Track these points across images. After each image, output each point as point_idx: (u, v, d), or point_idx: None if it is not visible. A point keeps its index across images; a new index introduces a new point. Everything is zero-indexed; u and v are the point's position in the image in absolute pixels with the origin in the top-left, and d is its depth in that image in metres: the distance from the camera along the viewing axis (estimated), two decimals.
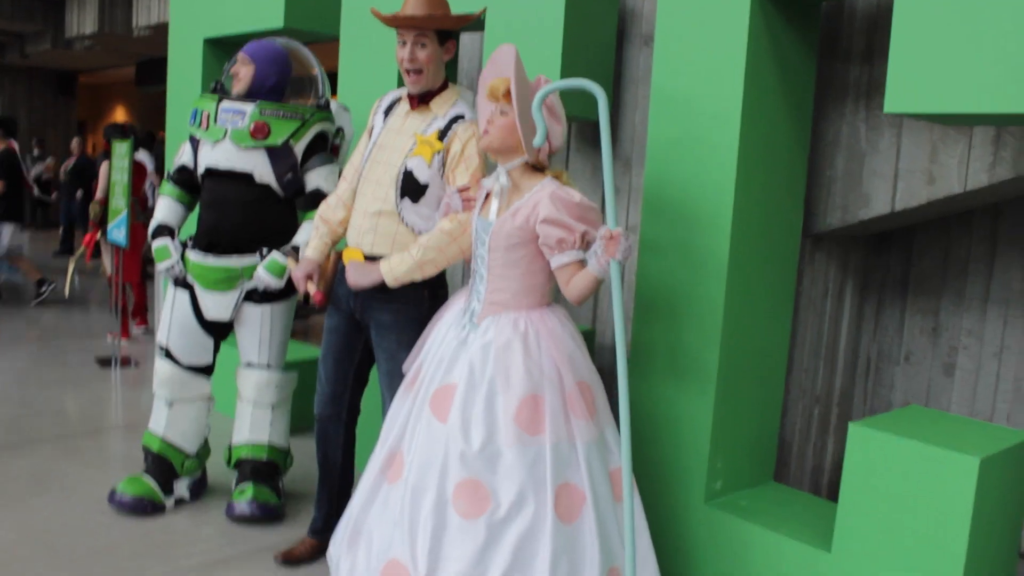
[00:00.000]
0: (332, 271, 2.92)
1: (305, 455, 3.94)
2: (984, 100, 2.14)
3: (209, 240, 3.20)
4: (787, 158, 2.87)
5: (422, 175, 2.67)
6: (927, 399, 3.57)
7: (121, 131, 5.79)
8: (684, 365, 2.78)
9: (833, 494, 3.70)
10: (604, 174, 2.18)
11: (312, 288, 2.79)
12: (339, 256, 2.90)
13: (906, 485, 2.28)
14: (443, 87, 2.74)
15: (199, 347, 3.31)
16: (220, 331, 3.34)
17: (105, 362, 5.64)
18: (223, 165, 3.14)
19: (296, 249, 3.17)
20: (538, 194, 2.37)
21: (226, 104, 3.15)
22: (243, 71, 3.19)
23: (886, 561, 2.32)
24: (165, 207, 3.33)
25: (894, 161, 2.95)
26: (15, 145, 7.68)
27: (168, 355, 3.30)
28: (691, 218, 2.74)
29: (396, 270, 2.63)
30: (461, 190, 2.63)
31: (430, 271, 2.63)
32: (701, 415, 2.75)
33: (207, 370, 3.37)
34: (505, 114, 2.40)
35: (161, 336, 3.32)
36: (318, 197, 3.20)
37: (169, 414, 3.33)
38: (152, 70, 13.68)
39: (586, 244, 2.34)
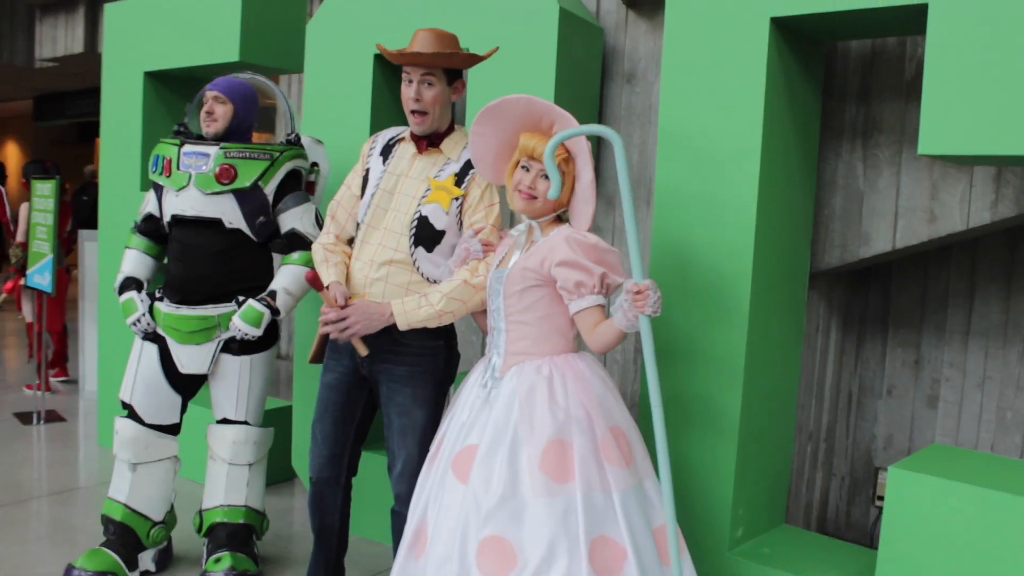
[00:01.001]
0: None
1: (272, 512, 3.69)
2: (1017, 143, 2.16)
3: (181, 291, 2.98)
4: (799, 198, 2.86)
5: (439, 222, 2.53)
6: (911, 431, 3.61)
7: (43, 169, 5.38)
8: (705, 413, 2.71)
9: (823, 530, 3.70)
10: (626, 224, 2.08)
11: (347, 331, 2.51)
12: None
13: (953, 528, 2.25)
14: (450, 128, 2.60)
15: (166, 405, 3.05)
16: (189, 388, 3.09)
17: (26, 418, 5.17)
18: (189, 213, 2.94)
19: (273, 294, 2.96)
20: (554, 238, 2.27)
21: (188, 148, 2.97)
22: (219, 109, 2.97)
23: None
24: (133, 259, 3.15)
25: (894, 200, 2.98)
26: None
27: (131, 414, 3.02)
28: (708, 262, 2.68)
29: (411, 315, 2.47)
30: (477, 232, 2.49)
31: (447, 320, 2.49)
32: (724, 463, 2.68)
33: (174, 429, 3.10)
34: (547, 178, 2.27)
35: (124, 393, 3.04)
36: (295, 239, 3.03)
37: (133, 479, 3.04)
38: (54, 104, 12.97)
39: (606, 288, 2.23)
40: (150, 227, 3.12)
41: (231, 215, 2.94)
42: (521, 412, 2.20)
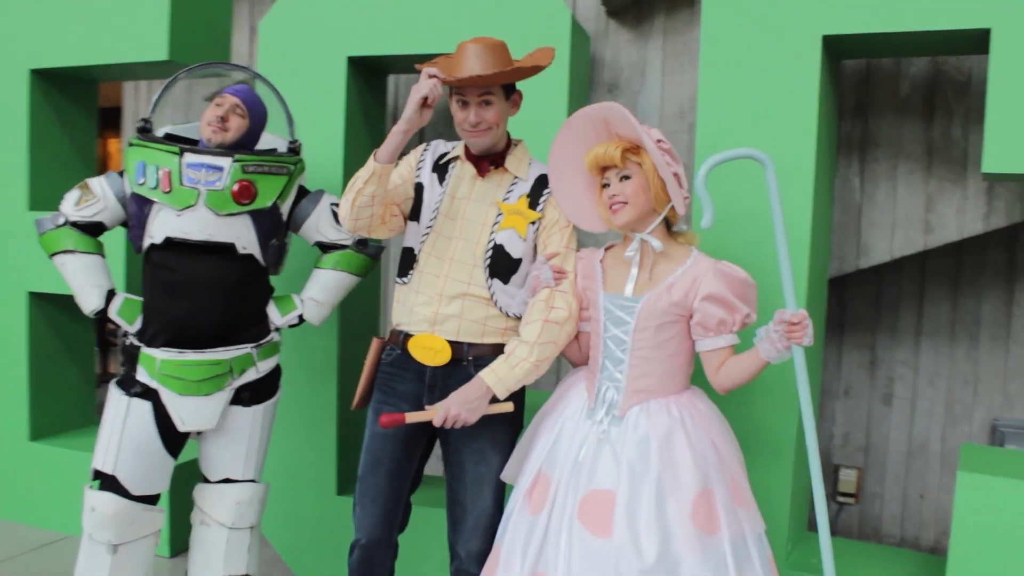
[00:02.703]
0: (375, 363, 2.41)
1: None
2: None
3: (181, 333, 2.49)
4: (826, 212, 2.90)
5: (515, 250, 2.29)
6: (867, 428, 3.82)
7: None
8: (761, 432, 2.68)
9: None
10: (779, 251, 1.99)
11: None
12: (383, 346, 2.41)
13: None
14: (509, 144, 2.37)
15: (158, 471, 2.57)
16: (180, 447, 2.62)
17: None
18: (196, 237, 2.46)
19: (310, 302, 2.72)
20: (697, 267, 2.12)
21: (193, 158, 2.47)
22: (236, 122, 2.54)
23: None
24: (94, 267, 2.59)
25: (891, 212, 3.12)
26: None
27: (111, 485, 2.51)
28: (761, 280, 2.65)
29: (508, 380, 2.22)
30: (550, 257, 2.29)
31: (544, 368, 2.27)
32: (782, 482, 2.68)
33: (158, 498, 2.62)
34: (628, 177, 2.13)
35: (103, 462, 2.51)
36: (322, 247, 2.76)
37: (113, 563, 2.52)
38: None
39: (743, 327, 2.14)
40: (86, 227, 2.60)
41: (246, 239, 2.52)
42: (662, 460, 2.05)
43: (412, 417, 2.21)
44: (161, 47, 3.33)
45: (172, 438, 2.55)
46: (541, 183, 2.32)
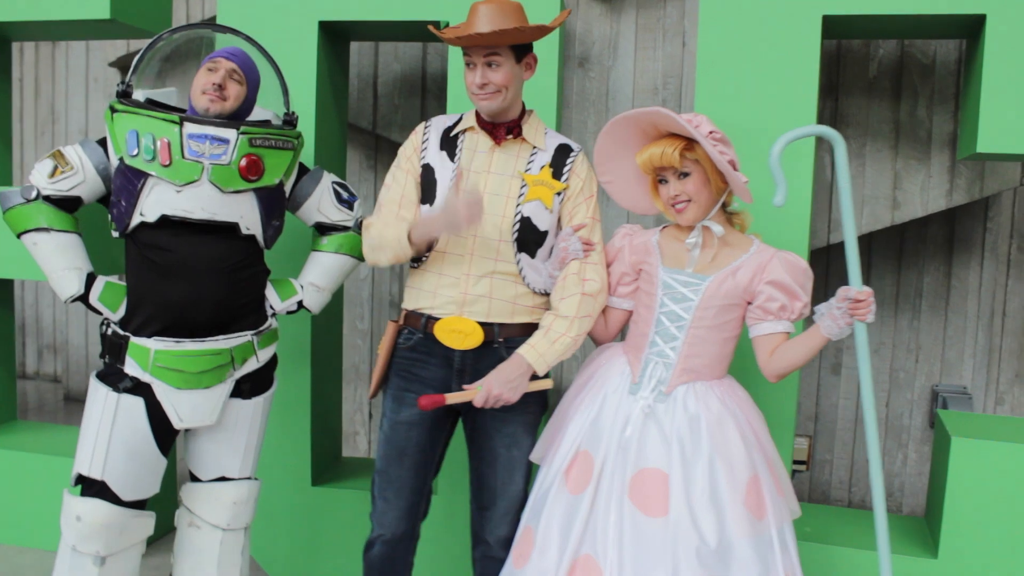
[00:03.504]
0: (391, 349, 2.29)
1: None
2: None
3: (177, 320, 2.26)
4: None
5: (542, 222, 2.21)
6: (817, 397, 3.98)
7: None
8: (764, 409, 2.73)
9: None
10: (844, 230, 2.01)
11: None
12: (397, 330, 2.28)
13: (1014, 489, 2.53)
14: (523, 113, 2.26)
15: (150, 473, 2.33)
16: (170, 445, 2.40)
17: None
18: (198, 215, 2.24)
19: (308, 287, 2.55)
20: (761, 254, 2.11)
21: (195, 128, 2.23)
22: (234, 89, 2.31)
23: (994, 561, 2.55)
24: (70, 246, 2.31)
25: (860, 189, 3.23)
26: None
27: (99, 491, 2.28)
28: None
29: (548, 355, 2.15)
30: (578, 229, 2.22)
31: (581, 342, 2.21)
32: (785, 458, 2.73)
33: (146, 503, 2.40)
34: (687, 174, 2.09)
35: (90, 466, 2.26)
36: (322, 228, 2.60)
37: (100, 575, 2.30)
38: None
39: (799, 317, 2.15)
40: (60, 202, 2.32)
41: (249, 218, 2.31)
42: (713, 441, 2.05)
43: (453, 398, 2.12)
44: (103, 4, 3.01)
45: (165, 436, 2.33)
46: (562, 152, 2.24)
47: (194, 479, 2.48)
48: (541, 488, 2.20)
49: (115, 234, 2.52)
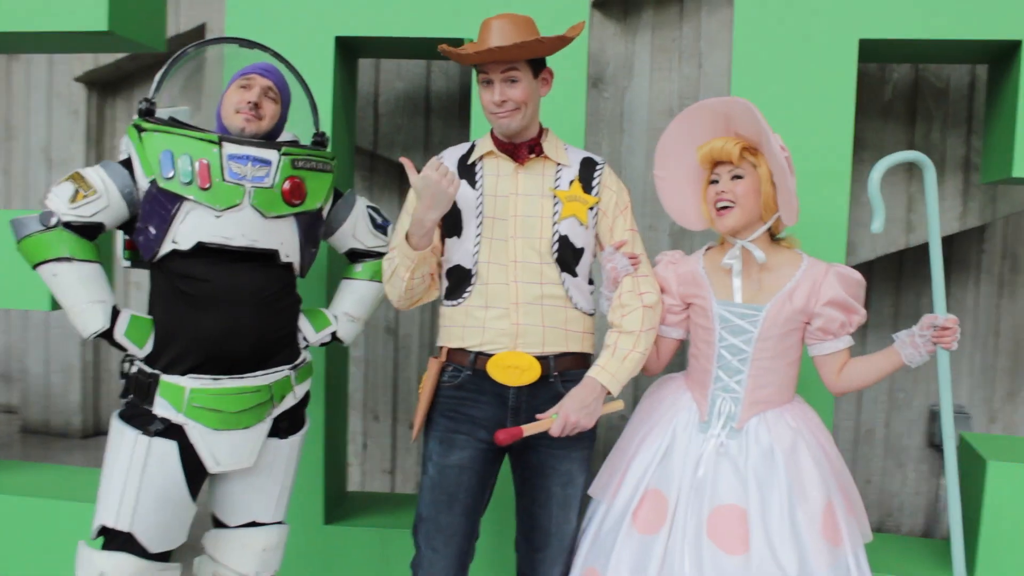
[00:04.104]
0: (435, 388, 2.16)
1: None
2: None
3: (213, 356, 2.10)
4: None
5: (578, 239, 2.12)
6: None
7: None
8: None
9: None
10: (931, 256, 1.99)
11: None
12: (441, 369, 2.16)
13: None
14: (541, 131, 2.17)
15: (179, 522, 2.15)
16: (199, 490, 2.23)
17: None
18: (238, 242, 2.09)
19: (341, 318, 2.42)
20: (813, 271, 2.06)
21: (235, 149, 2.09)
22: (270, 108, 2.17)
23: None
24: (94, 277, 2.11)
25: None
26: None
27: (124, 544, 2.08)
28: None
29: (620, 374, 2.07)
30: (619, 246, 2.14)
31: (647, 358, 2.14)
32: None
33: (171, 554, 2.21)
34: (740, 177, 2.04)
35: (117, 518, 2.06)
36: (356, 255, 2.47)
37: None
38: None
39: (857, 327, 2.11)
40: (82, 229, 2.12)
41: (289, 245, 2.17)
42: (788, 472, 1.99)
43: (530, 429, 2.01)
44: (100, 16, 2.83)
45: (197, 481, 2.15)
46: (588, 166, 2.16)
47: (219, 524, 2.31)
48: (603, 527, 2.11)
49: (125, 264, 2.35)
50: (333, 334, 2.37)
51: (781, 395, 2.09)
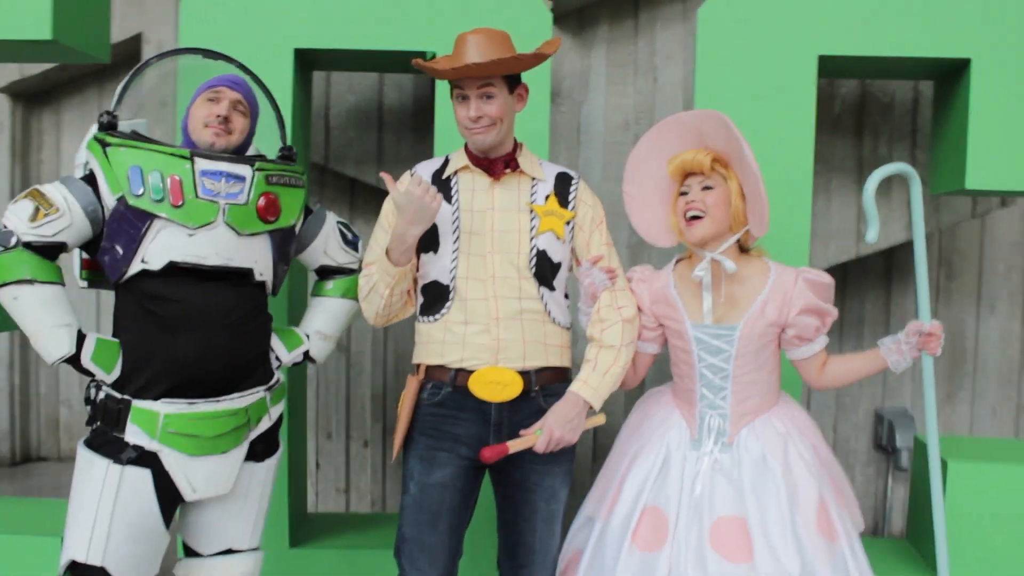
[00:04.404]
0: (414, 404, 2.12)
1: None
2: None
3: (187, 379, 2.00)
4: None
5: (556, 254, 2.12)
6: None
7: None
8: None
9: None
10: (916, 265, 2.06)
11: None
12: (420, 386, 2.12)
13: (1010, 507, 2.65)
14: (516, 145, 2.16)
15: (153, 553, 2.04)
16: (172, 518, 2.12)
17: None
18: (212, 261, 2.00)
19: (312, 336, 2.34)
20: (782, 280, 2.08)
21: (207, 164, 2.00)
22: (240, 122, 2.09)
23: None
24: (56, 300, 1.98)
25: (827, 223, 3.33)
26: None
27: None
28: None
29: (602, 388, 2.07)
30: (596, 261, 2.15)
31: (626, 372, 2.15)
32: None
33: None
34: (710, 188, 2.08)
35: (88, 552, 1.94)
36: (326, 271, 2.40)
37: None
38: None
39: (828, 327, 2.16)
40: (41, 248, 1.99)
41: (263, 263, 2.09)
42: (782, 476, 2.03)
43: (515, 445, 1.99)
44: (43, 25, 2.70)
45: (170, 509, 2.05)
46: (563, 180, 2.16)
47: (191, 553, 2.21)
48: (601, 544, 2.12)
49: (82, 284, 2.25)
50: (305, 353, 2.30)
51: (767, 401, 2.13)
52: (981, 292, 3.90)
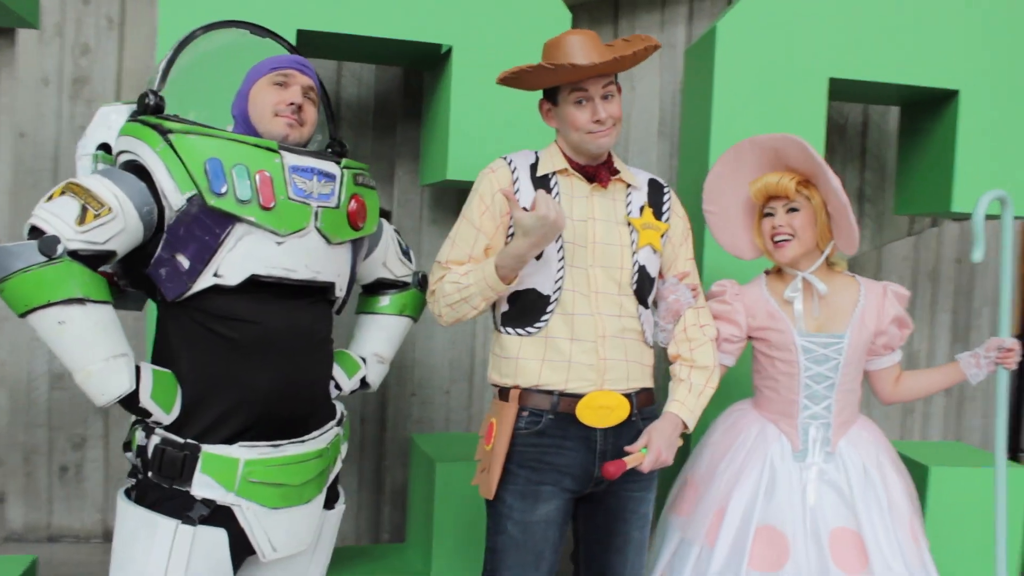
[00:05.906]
0: (511, 434, 1.93)
1: None
2: None
3: (267, 415, 1.67)
4: None
5: (653, 269, 2.01)
6: None
7: None
8: None
9: None
10: (1002, 282, 2.17)
11: None
12: (517, 411, 1.93)
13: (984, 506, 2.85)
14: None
15: None
16: None
17: None
18: (301, 274, 1.69)
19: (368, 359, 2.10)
20: (872, 292, 2.16)
21: (295, 159, 1.69)
22: (310, 113, 1.79)
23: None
24: (111, 324, 1.60)
25: None
26: None
27: None
28: None
29: (697, 411, 2.00)
30: (683, 277, 2.07)
31: None
32: None
33: None
34: (796, 210, 2.09)
35: None
36: (382, 285, 2.15)
37: None
38: None
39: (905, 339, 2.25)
40: (91, 261, 1.60)
41: (344, 278, 1.82)
42: (881, 484, 2.12)
43: (632, 461, 1.86)
44: None
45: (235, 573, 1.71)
46: (656, 188, 2.06)
47: None
48: (711, 569, 2.07)
49: None
50: (362, 380, 2.03)
51: (856, 413, 2.21)
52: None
